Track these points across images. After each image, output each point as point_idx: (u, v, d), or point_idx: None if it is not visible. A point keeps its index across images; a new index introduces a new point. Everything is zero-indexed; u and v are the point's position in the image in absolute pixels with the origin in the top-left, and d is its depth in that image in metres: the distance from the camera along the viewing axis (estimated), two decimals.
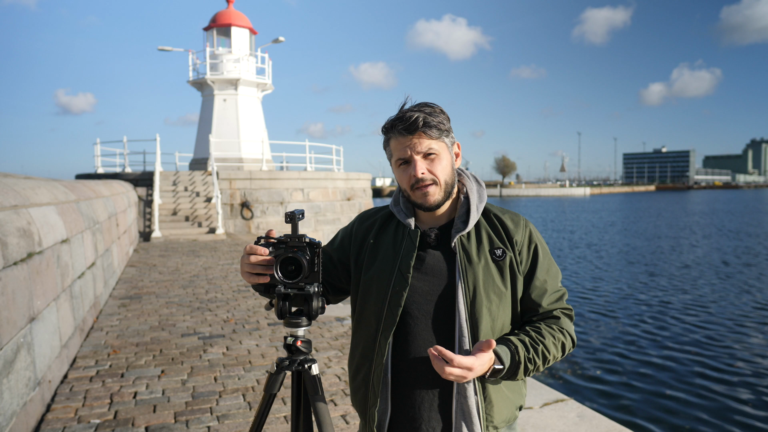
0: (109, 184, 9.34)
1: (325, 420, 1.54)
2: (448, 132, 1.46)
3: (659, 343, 9.52)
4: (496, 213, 1.52)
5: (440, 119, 1.44)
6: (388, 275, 1.47)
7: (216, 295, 7.16)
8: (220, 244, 12.73)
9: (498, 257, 1.46)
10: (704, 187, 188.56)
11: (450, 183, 1.46)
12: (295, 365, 1.57)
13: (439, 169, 1.43)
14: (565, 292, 1.52)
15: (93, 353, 4.73)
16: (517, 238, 1.48)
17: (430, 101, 1.49)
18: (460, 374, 1.27)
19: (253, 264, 1.39)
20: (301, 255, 1.44)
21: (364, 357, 1.51)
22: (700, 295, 13.40)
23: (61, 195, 5.11)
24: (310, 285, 1.46)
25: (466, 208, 1.50)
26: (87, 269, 5.56)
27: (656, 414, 6.67)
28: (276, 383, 1.59)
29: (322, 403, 1.55)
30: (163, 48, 19.96)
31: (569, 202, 78.42)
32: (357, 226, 1.61)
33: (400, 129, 1.43)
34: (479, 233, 1.48)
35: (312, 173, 16.98)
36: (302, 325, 1.55)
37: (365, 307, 1.52)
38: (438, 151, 1.43)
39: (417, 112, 1.42)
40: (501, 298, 1.44)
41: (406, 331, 1.45)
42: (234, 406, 3.59)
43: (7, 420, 2.87)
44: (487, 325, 1.41)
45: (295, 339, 1.56)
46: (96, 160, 17.96)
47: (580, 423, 3.30)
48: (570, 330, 1.48)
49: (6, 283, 2.99)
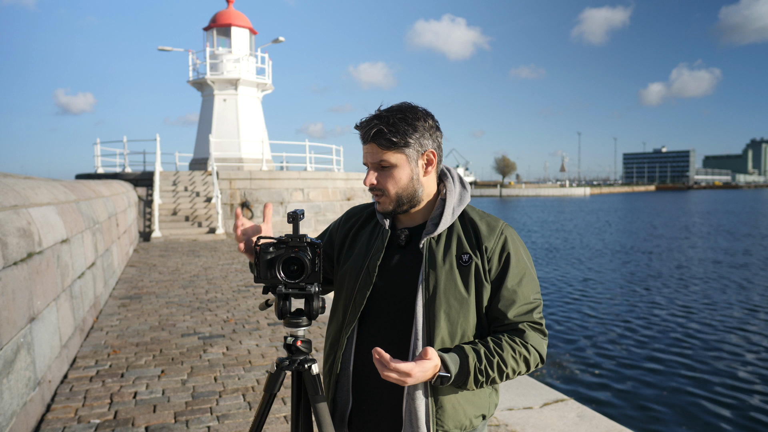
0: (109, 184, 9.34)
1: (326, 420, 1.54)
2: (411, 143, 1.41)
3: (659, 343, 9.52)
4: (473, 217, 1.49)
5: (402, 130, 1.39)
6: (357, 272, 1.50)
7: (216, 295, 7.16)
8: (220, 244, 12.73)
9: (464, 262, 1.42)
10: (704, 187, 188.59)
11: (406, 195, 1.44)
12: (296, 365, 1.58)
13: (388, 182, 1.43)
14: (538, 305, 1.46)
15: (93, 353, 4.73)
16: (487, 244, 1.44)
17: (412, 104, 1.45)
18: (397, 378, 1.27)
19: (238, 233, 1.44)
20: (303, 255, 1.44)
21: (332, 348, 1.56)
22: (699, 295, 13.40)
23: (61, 195, 5.11)
24: (311, 285, 1.46)
25: (440, 210, 1.47)
26: (87, 269, 5.57)
27: (656, 414, 6.68)
28: (276, 383, 1.60)
29: (322, 403, 1.55)
30: (163, 48, 19.96)
31: (569, 202, 78.39)
32: (343, 222, 1.65)
33: (360, 135, 1.44)
34: (450, 237, 1.46)
35: (312, 173, 16.98)
36: (302, 325, 1.55)
37: (338, 299, 1.56)
38: (393, 162, 1.41)
39: (377, 121, 1.40)
40: (462, 303, 1.41)
41: (367, 330, 1.48)
42: (234, 406, 3.59)
43: (7, 420, 2.87)
44: (444, 330, 1.40)
45: (295, 339, 1.56)
46: (96, 160, 17.95)
47: (580, 423, 3.30)
48: (536, 344, 1.42)
49: (6, 283, 2.99)
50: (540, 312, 1.46)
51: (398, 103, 1.45)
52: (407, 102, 1.46)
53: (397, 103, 1.46)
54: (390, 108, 1.43)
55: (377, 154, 1.41)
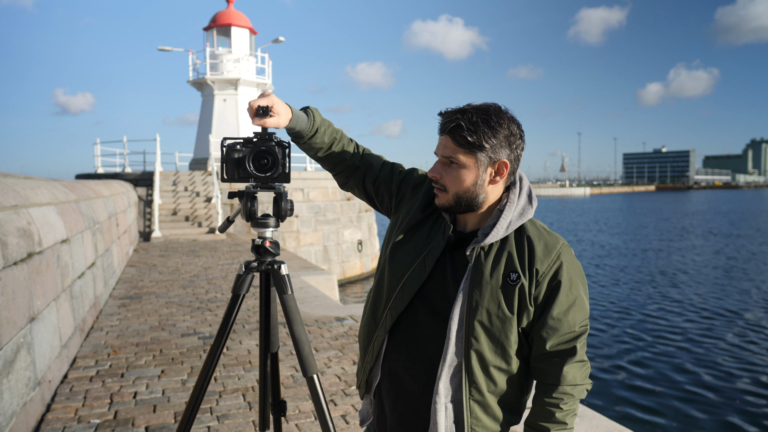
0: (109, 184, 9.33)
1: (295, 318, 1.61)
2: (486, 148, 1.34)
3: (658, 342, 9.52)
4: (530, 235, 1.41)
5: (480, 132, 1.33)
6: (411, 260, 1.45)
7: (216, 295, 7.16)
8: (220, 244, 12.73)
9: (512, 281, 1.36)
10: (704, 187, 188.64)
11: (465, 197, 1.39)
12: (264, 266, 1.58)
13: (450, 179, 1.38)
14: (582, 332, 1.40)
15: (93, 353, 4.73)
16: (539, 267, 1.37)
17: (500, 107, 1.38)
18: None
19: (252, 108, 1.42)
20: (274, 149, 1.43)
21: (372, 316, 1.53)
22: (699, 295, 13.39)
23: (61, 195, 5.11)
24: (280, 184, 1.45)
25: (495, 220, 1.40)
26: (87, 269, 5.56)
27: (656, 414, 6.67)
28: (244, 284, 1.64)
29: (291, 300, 1.62)
30: (163, 48, 19.96)
31: (569, 202, 78.36)
32: (428, 187, 1.55)
33: (439, 123, 1.39)
34: (501, 250, 1.39)
35: (312, 173, 16.98)
36: (270, 226, 1.56)
37: (385, 272, 1.51)
38: (461, 162, 1.36)
39: (459, 115, 1.35)
40: (504, 322, 1.37)
41: (407, 317, 1.46)
42: (234, 406, 3.59)
43: (7, 420, 2.87)
44: (485, 346, 1.38)
45: (263, 240, 1.56)
46: (96, 160, 17.94)
47: (580, 423, 3.30)
48: (573, 381, 1.38)
49: (6, 283, 2.99)
50: (583, 340, 1.40)
51: (487, 103, 1.39)
52: (497, 104, 1.39)
53: (487, 102, 1.39)
54: (478, 106, 1.37)
55: (449, 148, 1.36)
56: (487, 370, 1.39)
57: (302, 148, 1.55)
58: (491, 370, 1.39)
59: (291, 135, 1.52)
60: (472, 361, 1.38)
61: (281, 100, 1.45)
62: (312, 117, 1.52)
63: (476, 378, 1.38)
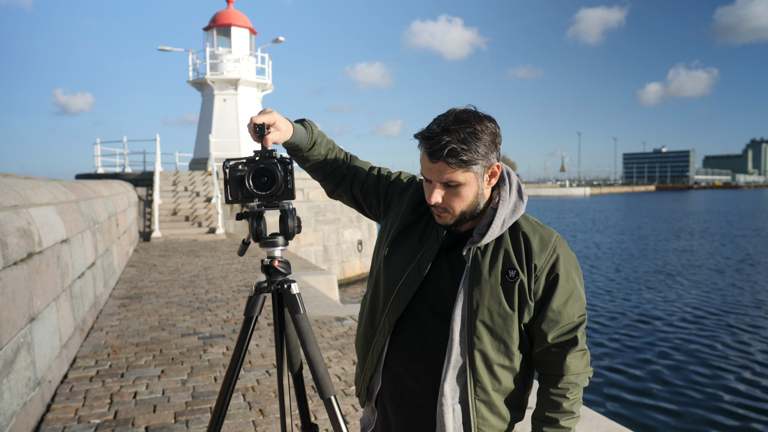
0: (109, 184, 9.34)
1: (309, 338, 1.58)
2: (480, 160, 1.33)
3: (659, 342, 9.52)
4: (525, 230, 1.41)
5: (473, 148, 1.30)
6: (405, 263, 1.45)
7: (216, 295, 7.16)
8: (220, 244, 12.73)
9: (510, 279, 1.37)
10: (704, 187, 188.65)
11: (469, 210, 1.39)
12: (274, 286, 1.57)
13: (455, 201, 1.36)
14: (581, 322, 1.42)
15: (93, 353, 4.73)
16: (537, 262, 1.38)
17: (477, 112, 1.35)
18: None
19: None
20: (273, 167, 1.40)
21: (370, 323, 1.52)
22: (699, 295, 13.40)
23: (61, 195, 5.11)
24: (286, 202, 1.43)
25: (489, 219, 1.41)
26: (87, 269, 5.57)
27: (656, 414, 6.68)
28: (256, 306, 1.61)
29: (305, 320, 1.58)
30: (162, 48, 19.96)
31: (569, 202, 78.36)
32: (415, 189, 1.55)
33: (426, 149, 1.33)
34: (498, 249, 1.40)
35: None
36: (279, 245, 1.54)
37: (380, 278, 1.51)
38: (461, 181, 1.33)
39: (449, 138, 1.29)
40: (506, 319, 1.38)
41: (407, 321, 1.45)
42: (234, 406, 3.59)
43: (7, 420, 2.87)
44: (488, 345, 1.39)
45: (272, 260, 1.54)
46: (96, 160, 17.95)
47: (580, 423, 3.30)
48: (576, 370, 1.40)
49: (6, 283, 2.99)
50: (582, 330, 1.42)
51: (462, 111, 1.34)
52: (470, 109, 1.36)
53: (459, 109, 1.36)
54: (457, 119, 1.32)
55: (445, 173, 1.32)
56: (491, 369, 1.40)
57: (298, 160, 1.54)
58: (495, 369, 1.40)
59: (289, 148, 1.51)
60: (476, 360, 1.38)
61: (282, 115, 1.43)
62: (310, 129, 1.53)
63: (481, 377, 1.39)
